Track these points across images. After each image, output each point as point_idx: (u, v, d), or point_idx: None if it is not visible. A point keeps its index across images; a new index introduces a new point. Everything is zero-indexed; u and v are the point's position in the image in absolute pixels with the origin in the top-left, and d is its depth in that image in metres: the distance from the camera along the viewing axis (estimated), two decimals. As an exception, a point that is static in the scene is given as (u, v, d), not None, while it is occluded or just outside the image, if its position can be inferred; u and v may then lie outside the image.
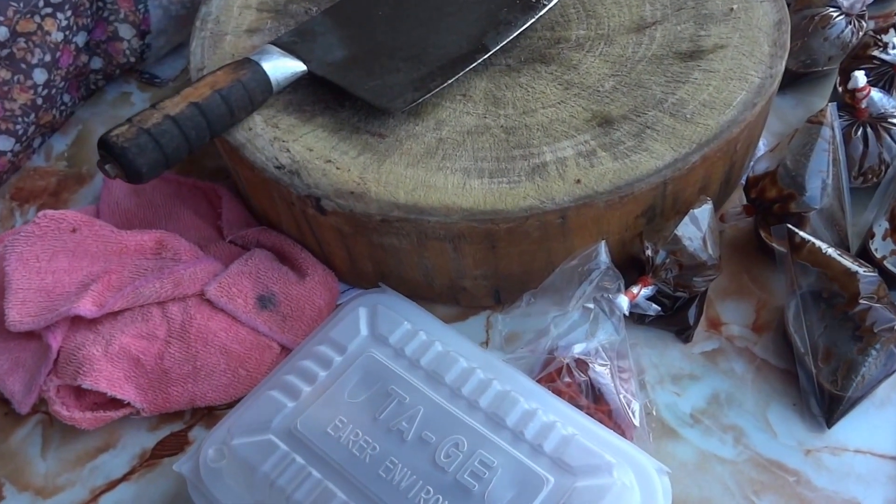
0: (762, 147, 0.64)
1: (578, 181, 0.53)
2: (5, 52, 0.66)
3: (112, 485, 0.54)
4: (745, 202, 0.58)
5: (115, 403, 0.55)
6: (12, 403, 0.57)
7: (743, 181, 0.59)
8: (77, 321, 0.57)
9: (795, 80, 0.69)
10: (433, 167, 0.56)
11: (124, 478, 0.54)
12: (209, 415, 0.57)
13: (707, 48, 0.60)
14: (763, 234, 0.56)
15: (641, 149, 0.54)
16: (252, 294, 0.58)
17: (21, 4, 0.65)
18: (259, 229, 0.62)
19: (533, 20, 0.62)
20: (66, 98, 0.73)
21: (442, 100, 0.60)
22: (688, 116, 0.56)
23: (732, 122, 0.55)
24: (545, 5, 0.62)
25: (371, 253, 0.57)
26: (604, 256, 0.52)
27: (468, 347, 0.53)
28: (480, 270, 0.56)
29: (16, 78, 0.67)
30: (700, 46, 0.60)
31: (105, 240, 0.60)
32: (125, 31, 0.73)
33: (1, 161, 0.69)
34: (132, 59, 0.75)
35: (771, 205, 0.56)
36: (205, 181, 0.66)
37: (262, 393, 0.52)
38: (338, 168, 0.56)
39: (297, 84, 0.61)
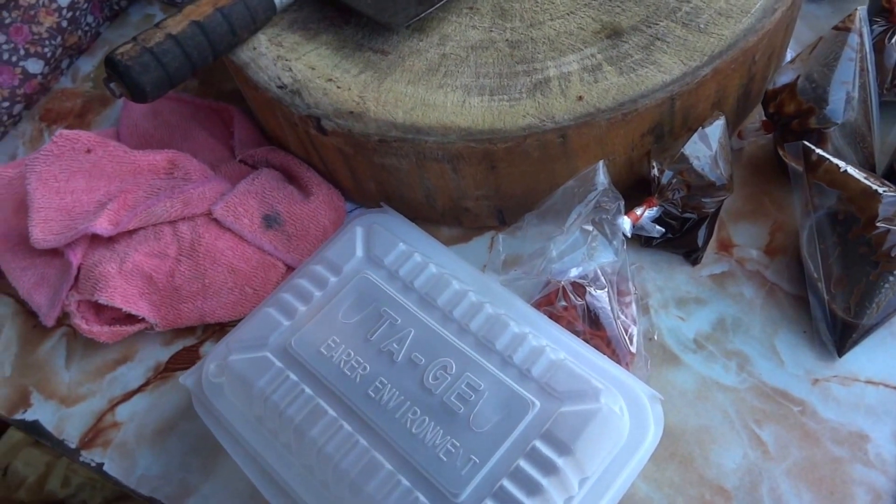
0: (789, 58, 0.58)
1: (580, 98, 0.49)
2: (28, -26, 0.64)
3: (128, 395, 0.54)
4: (764, 118, 0.53)
5: (131, 319, 0.55)
6: (39, 317, 0.57)
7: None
8: (95, 239, 0.56)
9: (833, -16, 0.61)
10: (434, 85, 0.52)
11: (139, 389, 0.55)
12: (220, 331, 0.56)
13: (729, -50, 0.53)
14: (780, 152, 0.51)
15: (649, 62, 0.49)
16: (258, 213, 0.56)
17: (40, -74, 0.63)
18: (268, 149, 0.60)
19: (545, -75, 0.56)
20: (90, 19, 0.71)
21: (448, 13, 0.56)
22: (701, 26, 0.50)
23: (749, 31, 0.49)
24: None
25: (373, 173, 0.54)
26: (602, 177, 0.48)
27: (464, 269, 0.50)
28: (481, 191, 0.53)
29: (41, 2, 0.66)
30: (722, -52, 0.53)
31: (119, 160, 0.59)
32: (144, -50, 0.70)
33: (32, 83, 0.68)
34: (153, -21, 0.72)
35: (790, 120, 0.50)
36: (219, 102, 0.64)
37: (260, 311, 0.50)
38: (338, 87, 0.53)
39: (302, 1, 0.57)
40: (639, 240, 0.53)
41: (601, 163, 0.48)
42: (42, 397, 0.55)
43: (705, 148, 0.48)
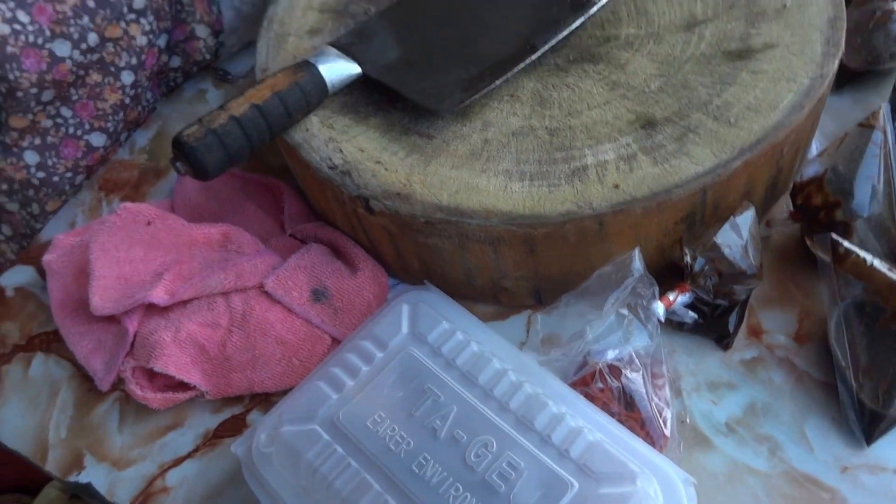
0: (815, 149, 0.60)
1: (617, 186, 0.51)
2: (96, 56, 0.67)
3: (178, 461, 0.56)
4: (792, 207, 0.54)
5: (183, 386, 0.57)
6: (95, 381, 0.59)
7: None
8: (151, 308, 0.59)
9: (855, 77, 0.63)
10: (477, 169, 0.54)
11: (189, 455, 0.56)
12: (266, 400, 0.58)
13: (756, 48, 0.55)
14: (808, 243, 0.52)
15: (682, 153, 0.51)
16: (307, 287, 0.58)
17: (108, 11, 0.66)
18: (316, 224, 0.63)
19: (582, 20, 0.59)
20: (149, 95, 0.74)
21: (490, 100, 0.58)
22: (732, 120, 0.52)
23: (778, 126, 0.51)
24: (595, 4, 0.59)
25: (417, 251, 0.57)
26: (637, 263, 0.50)
27: (504, 348, 0.52)
28: (520, 272, 0.55)
29: (106, 80, 0.69)
30: (749, 46, 0.56)
31: (176, 232, 0.61)
32: (201, 31, 0.74)
33: (94, 155, 0.72)
34: (207, 57, 0.76)
35: (817, 212, 0.52)
36: (269, 178, 0.67)
37: (310, 383, 0.52)
38: (386, 169, 0.55)
39: (352, 85, 0.60)
40: (671, 324, 0.54)
41: (637, 250, 0.50)
42: (95, 460, 0.57)
43: (736, 237, 0.50)
